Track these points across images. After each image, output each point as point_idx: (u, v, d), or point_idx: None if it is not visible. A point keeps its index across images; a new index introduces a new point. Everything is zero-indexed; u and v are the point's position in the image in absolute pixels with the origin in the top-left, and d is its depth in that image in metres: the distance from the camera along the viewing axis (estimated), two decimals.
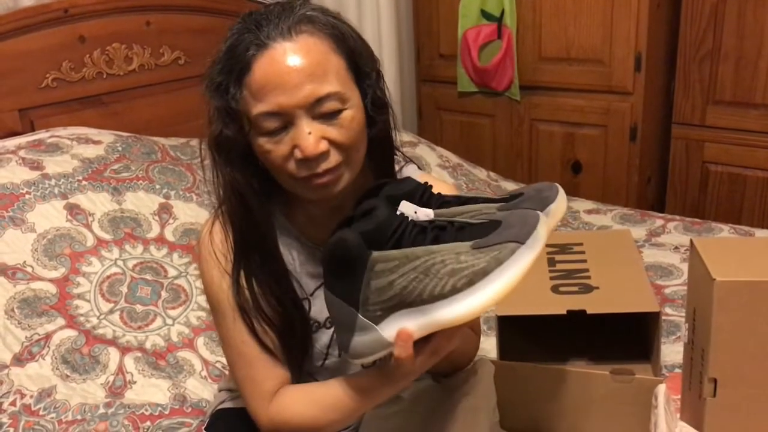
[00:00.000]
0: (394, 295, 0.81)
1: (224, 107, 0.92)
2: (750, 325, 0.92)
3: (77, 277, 1.51)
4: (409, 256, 0.80)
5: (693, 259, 1.02)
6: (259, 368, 1.00)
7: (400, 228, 0.83)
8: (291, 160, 0.91)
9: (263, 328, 1.00)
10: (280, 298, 1.00)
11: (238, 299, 0.98)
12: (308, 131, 0.89)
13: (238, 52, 0.90)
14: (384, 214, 0.83)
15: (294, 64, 0.88)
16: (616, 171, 2.42)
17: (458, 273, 0.77)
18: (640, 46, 2.24)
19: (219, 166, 0.96)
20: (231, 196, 0.97)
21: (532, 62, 2.47)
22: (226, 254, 0.99)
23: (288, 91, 0.88)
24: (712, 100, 2.25)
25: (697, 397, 0.99)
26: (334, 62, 0.91)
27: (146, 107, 2.08)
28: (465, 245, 0.79)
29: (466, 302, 0.77)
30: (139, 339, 1.48)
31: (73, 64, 1.91)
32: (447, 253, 0.79)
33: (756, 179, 2.24)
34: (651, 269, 1.77)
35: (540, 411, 1.17)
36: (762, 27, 2.10)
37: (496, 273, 0.76)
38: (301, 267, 1.04)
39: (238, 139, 0.93)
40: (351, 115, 0.92)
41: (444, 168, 2.32)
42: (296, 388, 1.01)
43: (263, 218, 0.99)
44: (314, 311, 1.04)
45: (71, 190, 1.63)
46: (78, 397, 1.35)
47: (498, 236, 0.78)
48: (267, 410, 0.99)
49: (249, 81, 0.90)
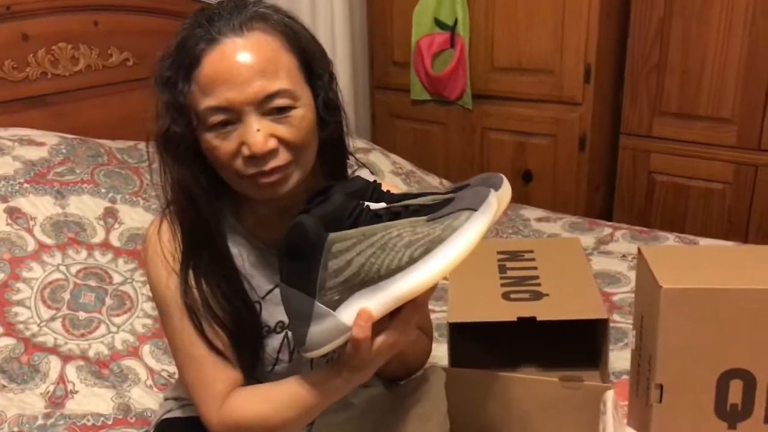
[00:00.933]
0: (352, 275, 0.80)
1: (172, 102, 0.90)
2: (696, 331, 0.93)
3: (17, 283, 1.46)
4: (366, 233, 0.80)
5: (640, 266, 1.03)
6: (209, 370, 0.97)
7: (356, 211, 0.83)
8: (239, 158, 0.90)
9: (213, 329, 0.97)
10: (230, 298, 0.98)
11: (186, 299, 0.96)
12: (257, 128, 0.88)
13: (189, 46, 0.89)
14: (340, 199, 0.83)
15: (244, 60, 0.87)
16: (566, 180, 2.46)
17: (414, 243, 0.77)
18: (590, 58, 2.28)
19: (166, 164, 0.94)
20: (179, 194, 0.95)
21: (484, 72, 2.49)
22: (174, 253, 0.97)
23: (237, 86, 0.87)
24: (659, 112, 2.31)
25: (644, 403, 1.00)
26: (285, 60, 0.90)
27: (93, 109, 2.03)
28: (421, 219, 0.80)
29: (423, 270, 0.77)
30: (81, 347, 1.43)
31: (16, 63, 1.85)
32: (403, 226, 0.79)
33: (699, 189, 2.30)
34: (599, 277, 1.80)
35: (490, 418, 1.17)
36: (705, 43, 2.16)
37: (452, 238, 0.76)
38: (252, 268, 1.02)
39: (185, 136, 0.91)
40: (301, 114, 0.91)
41: (397, 175, 2.32)
42: (248, 389, 0.98)
43: (212, 216, 0.97)
44: (265, 315, 1.03)
45: (12, 192, 1.58)
46: (15, 408, 1.30)
47: (451, 207, 0.79)
48: (218, 412, 0.96)
49: (198, 75, 0.88)
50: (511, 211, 2.29)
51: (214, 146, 0.90)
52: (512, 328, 1.27)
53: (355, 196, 0.86)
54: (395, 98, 2.75)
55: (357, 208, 0.83)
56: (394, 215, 0.83)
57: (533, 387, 1.15)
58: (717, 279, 0.94)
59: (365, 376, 0.90)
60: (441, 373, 1.12)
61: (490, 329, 1.32)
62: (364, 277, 0.80)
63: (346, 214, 0.82)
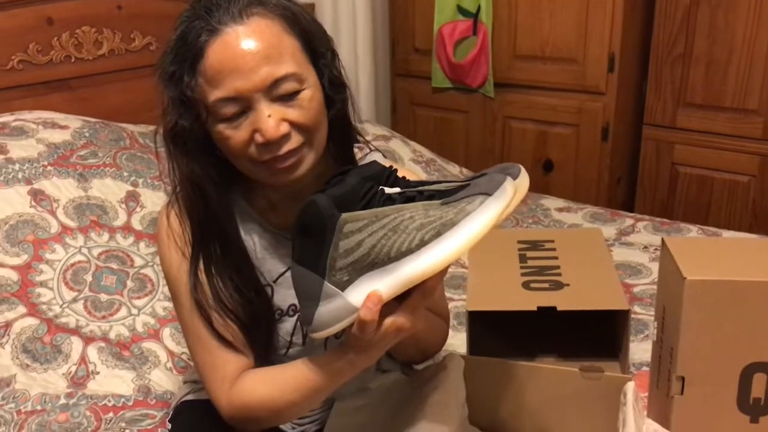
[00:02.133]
0: (362, 256, 0.79)
1: (179, 97, 0.90)
2: (719, 324, 0.92)
3: (40, 265, 1.47)
4: (378, 214, 0.79)
5: (664, 258, 1.02)
6: (219, 353, 0.98)
7: (370, 193, 0.82)
8: (252, 145, 0.90)
9: (224, 321, 0.98)
10: (241, 290, 0.98)
11: (196, 295, 0.96)
12: (268, 114, 0.88)
13: (190, 39, 0.88)
14: (355, 180, 0.83)
15: (248, 47, 0.87)
16: (587, 170, 2.43)
17: (426, 226, 0.77)
18: (614, 47, 2.25)
19: (175, 158, 0.94)
20: (189, 189, 0.95)
21: (506, 59, 2.48)
22: (184, 238, 0.98)
23: (244, 75, 0.86)
24: (683, 103, 2.28)
25: (665, 394, 0.99)
26: (288, 43, 0.90)
27: (115, 93, 2.04)
28: (435, 203, 0.79)
29: (433, 253, 0.77)
30: (103, 329, 1.45)
31: (41, 47, 1.87)
32: (416, 209, 0.79)
33: (723, 181, 2.27)
34: (620, 268, 1.78)
35: (509, 407, 1.17)
36: (732, 32, 2.13)
37: (463, 222, 0.75)
38: (263, 252, 1.02)
39: (194, 129, 0.91)
40: (309, 95, 0.91)
41: (417, 163, 2.31)
42: (257, 371, 0.99)
43: (223, 209, 0.97)
44: (277, 298, 1.03)
45: (36, 175, 1.59)
46: (38, 387, 1.32)
47: (466, 192, 0.78)
48: (227, 394, 0.97)
49: (203, 68, 0.88)
50: (532, 201, 2.28)
51: (226, 136, 0.90)
52: (532, 317, 1.27)
53: (371, 179, 0.86)
54: (416, 86, 2.74)
55: (371, 191, 0.83)
56: (408, 199, 0.82)
57: (552, 377, 1.14)
58: (741, 271, 0.93)
59: (371, 360, 0.89)
60: (459, 361, 1.12)
61: (509, 318, 1.31)
62: (374, 258, 0.79)
63: (359, 195, 0.82)
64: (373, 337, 0.83)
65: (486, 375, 1.17)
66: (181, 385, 1.24)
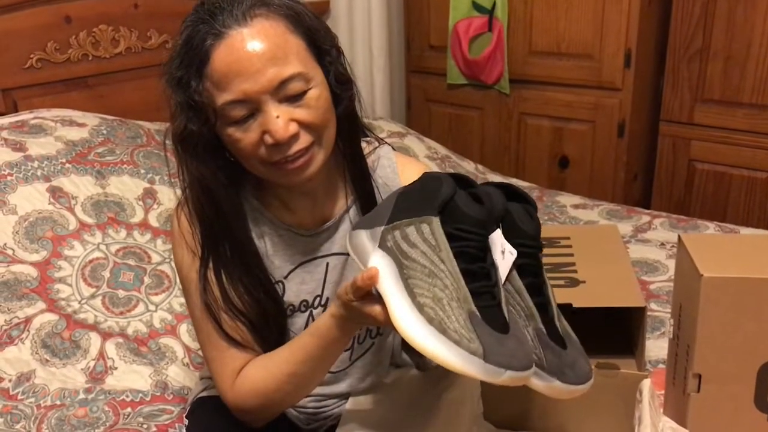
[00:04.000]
0: (402, 254, 0.79)
1: (187, 101, 0.90)
2: (736, 321, 0.92)
3: (59, 261, 1.49)
4: (437, 248, 0.77)
5: (680, 254, 1.02)
6: (227, 351, 1.00)
7: (470, 236, 0.79)
8: (262, 147, 0.90)
9: (235, 324, 0.99)
10: (250, 290, 0.99)
11: (206, 297, 0.98)
12: (276, 115, 0.88)
13: (195, 43, 0.89)
14: (498, 203, 0.81)
15: (253, 49, 0.87)
16: (604, 167, 2.42)
17: (435, 304, 0.74)
18: (630, 43, 2.24)
19: (185, 162, 0.95)
20: (198, 191, 0.95)
21: (522, 56, 2.47)
22: (195, 244, 0.99)
23: (251, 77, 0.87)
24: (700, 99, 2.26)
25: (681, 392, 0.99)
26: (293, 43, 0.90)
27: (132, 91, 2.06)
28: (469, 301, 0.75)
29: (405, 322, 0.74)
30: (120, 325, 1.46)
31: (59, 45, 1.88)
32: (452, 278, 0.76)
33: (741, 178, 2.25)
34: (637, 265, 1.77)
35: (523, 403, 1.17)
36: (751, 27, 2.11)
37: (441, 340, 0.72)
38: (274, 250, 1.03)
39: (203, 133, 0.91)
40: (317, 94, 0.91)
41: (432, 159, 2.31)
42: (256, 359, 1.00)
43: (232, 210, 0.98)
44: (289, 295, 1.04)
45: (54, 172, 1.61)
46: (57, 382, 1.34)
47: (483, 339, 0.72)
48: (232, 387, 0.99)
49: (209, 72, 0.88)
50: (547, 198, 2.27)
51: (236, 139, 0.90)
52: None
53: (494, 221, 0.82)
54: (431, 82, 2.74)
55: (472, 235, 0.79)
56: (476, 279, 0.78)
57: None
58: (759, 268, 0.92)
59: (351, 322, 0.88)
60: None
61: None
62: (402, 265, 0.79)
63: (463, 223, 0.79)
64: (353, 302, 0.83)
65: None
66: (198, 381, 1.25)
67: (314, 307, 1.05)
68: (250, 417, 1.01)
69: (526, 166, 2.59)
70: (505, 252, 0.82)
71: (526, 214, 0.88)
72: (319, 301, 1.05)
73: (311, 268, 1.04)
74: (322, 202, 1.03)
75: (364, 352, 1.09)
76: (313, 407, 1.10)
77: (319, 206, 1.03)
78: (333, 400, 1.11)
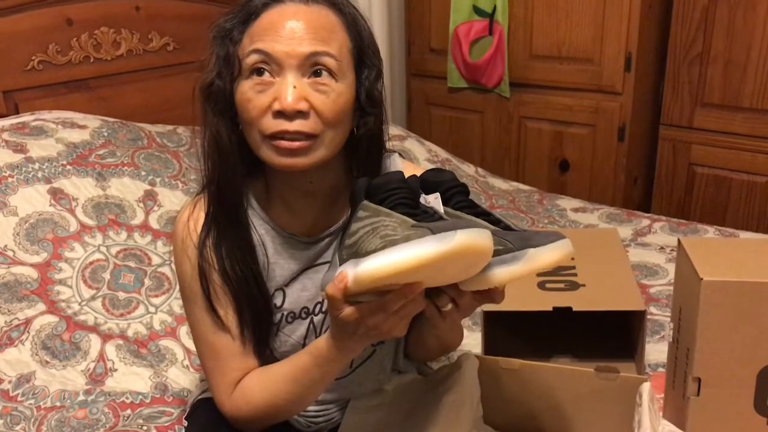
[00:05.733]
0: (353, 243, 0.83)
1: (223, 54, 0.92)
2: (735, 325, 0.92)
3: (59, 263, 1.49)
4: (376, 212, 0.83)
5: (680, 258, 1.02)
6: (226, 359, 1.00)
7: (394, 191, 0.85)
8: (268, 114, 0.90)
9: (226, 311, 0.99)
10: (242, 267, 0.99)
11: (201, 261, 0.98)
12: (294, 86, 0.89)
13: (253, 2, 0.92)
14: (394, 177, 0.86)
15: (300, 20, 0.89)
16: (604, 170, 2.43)
17: (385, 238, 0.78)
18: (631, 47, 2.24)
19: (205, 116, 0.95)
20: (213, 148, 0.96)
21: (522, 59, 2.47)
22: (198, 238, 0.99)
23: (287, 41, 0.89)
24: (701, 103, 2.26)
25: (681, 396, 0.99)
26: (340, 36, 0.92)
27: (133, 93, 2.06)
28: (409, 221, 0.80)
29: (365, 264, 0.77)
30: (120, 326, 1.46)
31: (60, 47, 1.89)
32: (395, 220, 0.81)
33: (741, 182, 2.25)
34: (636, 269, 1.78)
35: (524, 407, 1.17)
36: (751, 31, 2.11)
37: (394, 248, 0.76)
38: (276, 255, 1.02)
39: (226, 91, 0.93)
40: (339, 90, 0.91)
41: (432, 162, 2.32)
42: (253, 373, 1.01)
43: (238, 182, 0.98)
44: (289, 302, 1.04)
45: (55, 174, 1.61)
46: (57, 384, 1.34)
47: (429, 224, 0.78)
48: (230, 399, 1.00)
49: (253, 26, 0.91)
50: (547, 201, 2.27)
51: (248, 98, 0.90)
52: (547, 318, 1.27)
53: (406, 182, 0.87)
54: (432, 85, 2.75)
55: (396, 190, 0.85)
56: (411, 209, 0.84)
57: (568, 377, 1.14)
58: (758, 272, 0.93)
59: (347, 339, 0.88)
60: (474, 361, 1.12)
61: (525, 319, 1.32)
62: (357, 249, 0.82)
63: (385, 189, 0.85)
64: (338, 315, 0.84)
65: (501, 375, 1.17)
66: (198, 383, 1.25)
67: (315, 314, 1.05)
68: (247, 427, 1.02)
69: (527, 170, 2.59)
70: (431, 200, 0.87)
71: (436, 173, 0.93)
72: (320, 308, 1.05)
73: (312, 275, 1.04)
74: (325, 207, 1.03)
75: (365, 359, 1.09)
76: (314, 412, 1.10)
77: (322, 212, 1.03)
78: (333, 405, 1.11)
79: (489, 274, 0.82)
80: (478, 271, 0.82)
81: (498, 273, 0.82)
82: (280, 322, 1.04)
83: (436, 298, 0.87)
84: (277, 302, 1.03)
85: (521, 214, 2.18)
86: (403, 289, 0.80)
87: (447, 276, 0.82)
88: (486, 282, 0.83)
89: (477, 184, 2.34)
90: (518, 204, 2.25)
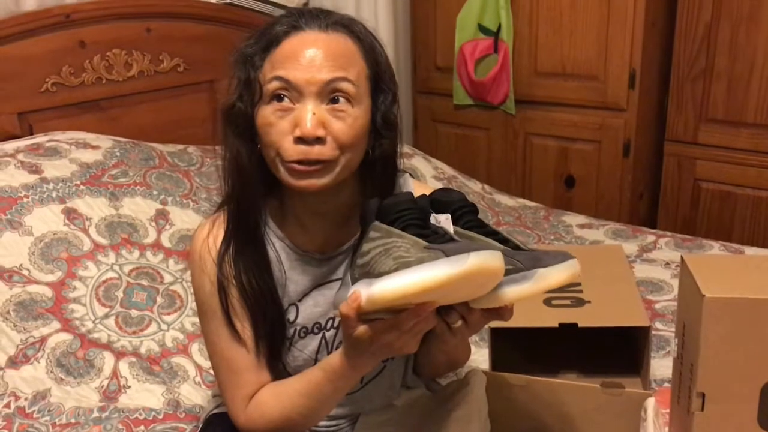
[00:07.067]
0: (366, 263, 0.86)
1: (244, 78, 0.96)
2: (738, 341, 0.93)
3: (73, 281, 1.52)
4: (388, 233, 0.86)
5: (683, 275, 1.04)
6: (242, 373, 1.03)
7: (404, 212, 0.88)
8: (288, 139, 0.93)
9: (243, 325, 1.02)
10: (259, 282, 1.02)
11: (220, 275, 1.01)
12: (313, 112, 0.92)
13: (274, 29, 0.96)
14: (404, 198, 0.89)
15: (320, 49, 0.93)
16: (609, 186, 2.44)
17: (399, 260, 0.81)
18: (635, 64, 2.27)
19: (227, 137, 0.98)
20: (233, 169, 0.99)
21: (527, 77, 2.50)
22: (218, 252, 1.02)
23: (306, 68, 0.92)
24: (705, 118, 2.28)
25: (686, 411, 1.00)
26: (358, 64, 0.95)
27: (145, 113, 2.09)
28: (422, 242, 0.83)
29: (379, 285, 0.80)
30: (133, 344, 1.49)
31: (73, 69, 1.93)
32: (407, 241, 0.83)
33: (746, 197, 2.26)
34: (642, 284, 1.79)
35: (531, 422, 1.18)
36: (754, 47, 2.13)
37: (408, 270, 0.78)
38: (290, 272, 1.05)
39: (248, 115, 0.96)
40: (356, 115, 0.94)
41: (439, 179, 2.34)
42: (267, 387, 1.03)
43: (257, 201, 1.01)
44: (302, 317, 1.06)
45: (69, 194, 1.64)
46: (72, 401, 1.36)
47: (441, 245, 0.81)
48: (245, 413, 1.02)
49: (274, 53, 0.94)
50: (553, 218, 2.29)
51: (269, 122, 0.94)
52: (553, 334, 1.28)
53: (417, 203, 0.90)
54: (438, 103, 2.77)
55: (406, 211, 0.88)
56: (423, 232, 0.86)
57: (574, 392, 1.16)
58: (760, 289, 0.94)
59: (360, 358, 0.91)
60: (482, 377, 1.13)
61: (531, 335, 1.33)
62: (369, 269, 0.84)
63: (395, 210, 0.88)
64: (352, 333, 0.87)
65: (508, 391, 1.19)
66: (210, 399, 1.27)
67: (327, 329, 1.07)
68: None
69: (533, 186, 2.61)
70: (441, 220, 0.90)
71: (445, 192, 0.95)
72: (332, 324, 1.07)
73: (325, 291, 1.06)
74: (338, 225, 1.05)
75: (375, 375, 1.11)
76: (325, 426, 1.12)
77: (335, 230, 1.05)
78: (344, 420, 1.13)
79: (499, 292, 0.84)
80: (489, 290, 0.84)
81: (508, 292, 0.84)
82: (293, 337, 1.06)
83: (446, 315, 0.89)
84: (291, 317, 1.06)
85: (527, 230, 2.19)
86: (416, 309, 0.82)
87: (459, 295, 0.85)
88: (496, 300, 0.85)
89: (483, 200, 2.36)
90: (524, 220, 2.27)
